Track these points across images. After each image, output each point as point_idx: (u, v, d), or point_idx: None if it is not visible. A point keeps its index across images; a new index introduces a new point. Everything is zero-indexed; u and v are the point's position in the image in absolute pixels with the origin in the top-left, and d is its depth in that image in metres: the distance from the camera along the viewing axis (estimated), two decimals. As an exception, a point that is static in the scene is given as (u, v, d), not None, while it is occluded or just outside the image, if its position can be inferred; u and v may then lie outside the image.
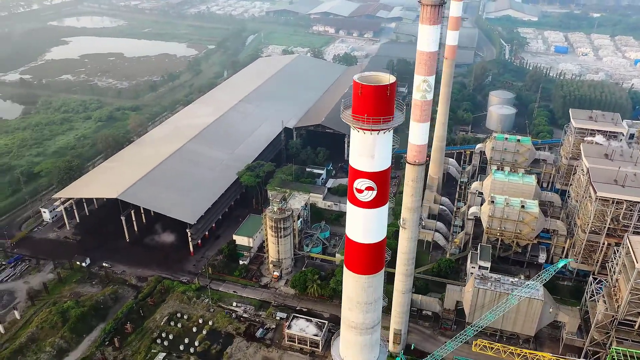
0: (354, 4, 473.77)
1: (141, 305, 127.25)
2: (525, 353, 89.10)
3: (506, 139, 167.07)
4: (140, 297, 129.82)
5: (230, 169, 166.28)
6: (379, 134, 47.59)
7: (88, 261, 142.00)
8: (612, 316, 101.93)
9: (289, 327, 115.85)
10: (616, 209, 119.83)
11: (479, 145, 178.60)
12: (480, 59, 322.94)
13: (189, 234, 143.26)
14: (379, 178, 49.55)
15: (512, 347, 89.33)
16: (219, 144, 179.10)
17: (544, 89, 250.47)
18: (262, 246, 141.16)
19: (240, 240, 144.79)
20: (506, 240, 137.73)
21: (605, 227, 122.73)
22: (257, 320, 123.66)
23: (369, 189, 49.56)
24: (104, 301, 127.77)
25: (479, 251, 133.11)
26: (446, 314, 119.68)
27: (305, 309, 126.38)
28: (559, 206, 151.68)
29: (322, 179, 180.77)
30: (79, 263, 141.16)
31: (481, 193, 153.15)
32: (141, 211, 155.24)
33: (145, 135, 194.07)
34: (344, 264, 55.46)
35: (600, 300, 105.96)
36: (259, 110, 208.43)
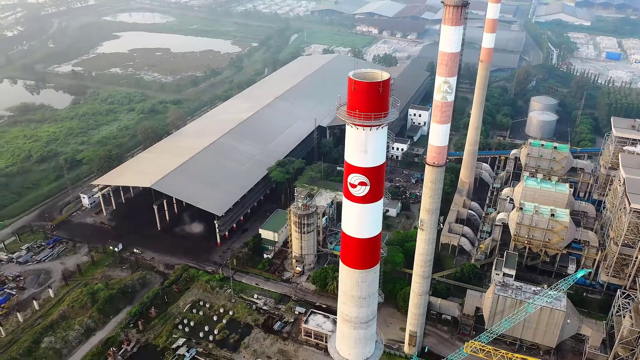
0: (399, 4, 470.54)
1: (166, 292, 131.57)
2: (517, 358, 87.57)
3: (542, 145, 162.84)
4: (166, 283, 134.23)
5: (261, 164, 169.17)
6: (371, 129, 48.11)
7: (120, 246, 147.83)
8: (639, 332, 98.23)
9: (306, 322, 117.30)
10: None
11: (514, 151, 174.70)
12: (526, 64, 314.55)
13: (216, 225, 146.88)
14: (372, 173, 50.02)
15: (503, 351, 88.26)
16: (252, 139, 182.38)
17: (590, 96, 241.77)
18: (287, 241, 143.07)
19: (266, 234, 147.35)
20: (534, 248, 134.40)
21: (639, 240, 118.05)
22: (276, 313, 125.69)
23: (362, 184, 50.13)
24: (132, 285, 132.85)
25: (504, 258, 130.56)
26: (465, 319, 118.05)
27: (325, 305, 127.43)
28: (593, 217, 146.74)
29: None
30: (112, 248, 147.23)
31: (512, 199, 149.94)
32: (173, 201, 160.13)
33: (183, 128, 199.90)
34: (340, 258, 56.24)
35: (627, 316, 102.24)
36: (294, 107, 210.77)
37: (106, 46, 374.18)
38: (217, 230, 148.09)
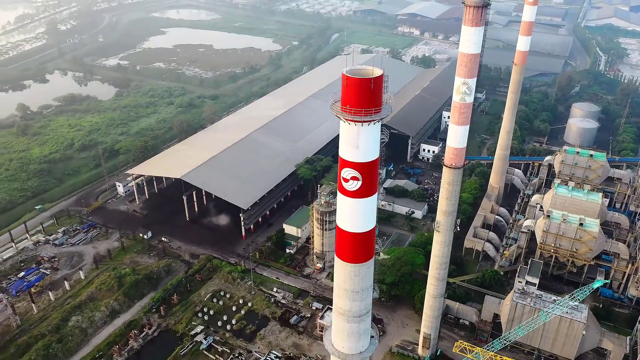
0: (444, 6, 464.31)
1: (189, 280, 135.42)
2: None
3: (577, 153, 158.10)
4: (190, 272, 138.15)
5: (289, 161, 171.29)
6: (362, 125, 48.75)
7: (149, 234, 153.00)
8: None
9: (322, 318, 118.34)
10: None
11: (547, 158, 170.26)
12: (571, 69, 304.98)
13: (241, 218, 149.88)
14: (364, 169, 50.66)
15: (491, 353, 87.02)
16: (282, 136, 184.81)
17: (636, 103, 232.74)
18: (310, 238, 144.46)
19: (289, 229, 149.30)
20: (561, 258, 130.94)
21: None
22: (294, 307, 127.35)
23: (354, 178, 50.79)
24: (157, 272, 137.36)
25: (528, 266, 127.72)
26: (483, 325, 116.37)
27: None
28: (626, 229, 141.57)
29: (381, 178, 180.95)
30: (141, 235, 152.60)
31: (542, 207, 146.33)
32: (202, 193, 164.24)
33: (217, 122, 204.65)
34: (335, 251, 57.14)
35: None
36: (327, 106, 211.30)
37: (152, 41, 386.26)
38: (242, 223, 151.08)
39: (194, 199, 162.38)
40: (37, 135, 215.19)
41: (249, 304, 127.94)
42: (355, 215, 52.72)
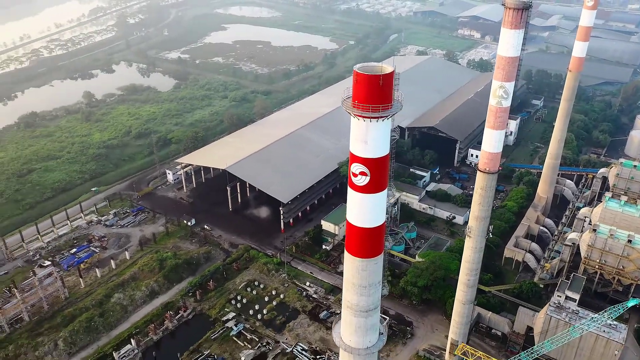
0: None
1: (226, 268, 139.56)
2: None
3: (635, 166, 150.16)
4: (227, 260, 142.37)
5: (333, 158, 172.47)
6: (371, 121, 49.27)
7: (193, 221, 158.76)
8: None
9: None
10: None
11: (601, 170, 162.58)
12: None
13: (281, 212, 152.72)
14: (372, 164, 51.17)
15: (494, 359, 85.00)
16: (328, 133, 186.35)
17: None
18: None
19: (327, 226, 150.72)
20: (606, 275, 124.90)
21: None
22: (325, 303, 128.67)
23: (362, 173, 51.35)
24: (197, 258, 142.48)
25: (570, 281, 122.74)
26: (515, 337, 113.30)
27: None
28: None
29: (425, 181, 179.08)
30: (185, 222, 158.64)
31: (590, 221, 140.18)
32: (246, 185, 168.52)
33: (266, 117, 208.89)
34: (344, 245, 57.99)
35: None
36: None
37: (213, 36, 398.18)
38: (281, 217, 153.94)
39: (238, 190, 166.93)
40: (98, 122, 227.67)
41: (281, 296, 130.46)
42: (363, 210, 53.29)
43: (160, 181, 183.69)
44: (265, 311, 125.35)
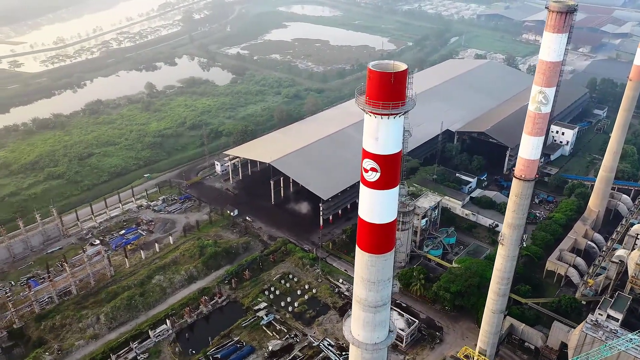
0: (579, 14, 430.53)
1: (263, 260, 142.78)
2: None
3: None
4: (265, 252, 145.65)
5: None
6: (382, 118, 49.55)
7: (236, 212, 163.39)
8: None
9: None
10: None
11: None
12: None
13: (320, 209, 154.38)
14: (382, 161, 51.44)
15: None
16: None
17: None
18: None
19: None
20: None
21: None
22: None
23: (372, 169, 51.73)
24: (236, 247, 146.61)
25: (613, 299, 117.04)
26: (547, 352, 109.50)
27: (405, 305, 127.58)
28: None
29: (470, 187, 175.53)
30: (229, 212, 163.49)
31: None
32: (290, 180, 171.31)
33: (316, 115, 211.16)
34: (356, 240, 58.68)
35: None
36: (425, 109, 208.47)
37: (274, 34, 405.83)
38: (321, 213, 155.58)
39: (281, 185, 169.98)
40: (157, 112, 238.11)
41: (314, 291, 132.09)
42: (372, 205, 53.72)
43: (208, 171, 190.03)
44: (296, 304, 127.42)
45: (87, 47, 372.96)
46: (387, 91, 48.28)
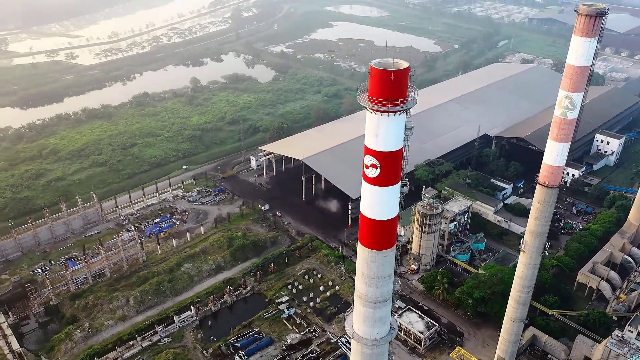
0: (637, 20, 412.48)
1: (289, 254, 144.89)
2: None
3: None
4: (292, 247, 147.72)
5: (410, 161, 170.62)
6: (382, 115, 50.00)
7: (267, 207, 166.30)
8: None
9: (400, 316, 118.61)
10: None
11: None
12: None
13: (349, 207, 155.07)
14: (382, 158, 52.00)
15: None
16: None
17: None
18: (410, 238, 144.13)
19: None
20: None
21: None
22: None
23: (373, 166, 52.35)
24: (264, 241, 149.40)
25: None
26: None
27: (427, 308, 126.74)
28: None
29: (505, 193, 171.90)
30: (260, 206, 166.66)
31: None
32: (321, 178, 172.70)
33: (351, 115, 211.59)
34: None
35: None
36: (465, 112, 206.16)
37: (319, 33, 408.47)
38: (349, 212, 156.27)
39: (312, 182, 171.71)
40: (199, 106, 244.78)
41: (336, 288, 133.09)
42: (373, 201, 54.30)
43: (244, 166, 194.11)
44: (318, 300, 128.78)
45: (139, 42, 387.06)
46: (387, 88, 48.86)
